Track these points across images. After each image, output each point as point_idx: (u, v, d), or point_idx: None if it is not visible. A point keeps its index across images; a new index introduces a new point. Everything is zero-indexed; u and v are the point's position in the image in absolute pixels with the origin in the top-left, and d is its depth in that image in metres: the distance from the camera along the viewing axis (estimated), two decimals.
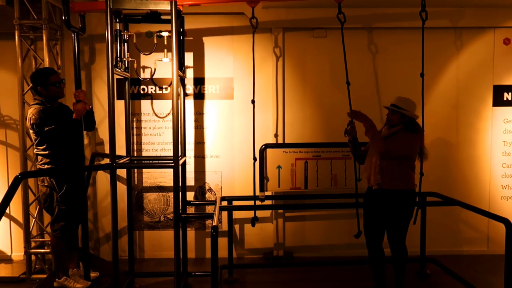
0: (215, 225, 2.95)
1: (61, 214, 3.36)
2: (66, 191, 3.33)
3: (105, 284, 3.60)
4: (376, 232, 3.37)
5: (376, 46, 4.52)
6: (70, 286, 3.44)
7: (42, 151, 3.28)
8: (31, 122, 3.19)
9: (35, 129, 3.19)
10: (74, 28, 3.51)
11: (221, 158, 4.57)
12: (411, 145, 3.25)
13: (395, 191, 3.24)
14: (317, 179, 4.26)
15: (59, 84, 3.34)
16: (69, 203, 3.37)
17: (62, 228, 3.37)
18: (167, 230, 4.57)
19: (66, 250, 3.49)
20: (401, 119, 3.27)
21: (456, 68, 4.57)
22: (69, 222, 3.40)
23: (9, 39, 4.09)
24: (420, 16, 3.53)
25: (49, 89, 3.30)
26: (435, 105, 4.55)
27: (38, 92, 3.33)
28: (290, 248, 4.65)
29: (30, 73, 3.48)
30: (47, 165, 3.29)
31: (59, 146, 3.28)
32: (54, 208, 3.37)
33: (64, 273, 3.49)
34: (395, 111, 3.27)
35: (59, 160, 3.31)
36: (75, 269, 3.60)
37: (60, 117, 3.32)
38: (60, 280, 3.46)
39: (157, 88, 4.48)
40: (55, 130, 3.19)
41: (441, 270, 4.09)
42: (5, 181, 4.44)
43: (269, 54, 4.48)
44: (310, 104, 4.56)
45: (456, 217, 4.65)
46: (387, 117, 3.36)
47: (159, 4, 3.14)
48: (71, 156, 3.39)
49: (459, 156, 4.63)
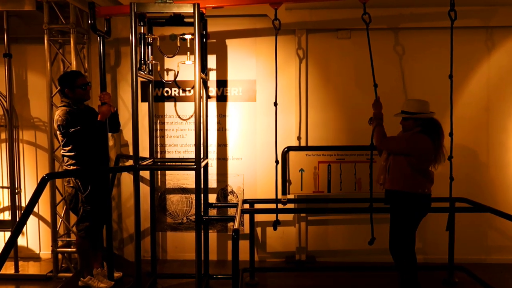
0: (237, 228, 2.93)
1: (86, 214, 3.42)
2: (90, 192, 3.40)
3: (128, 284, 3.65)
4: (391, 235, 3.30)
5: (402, 47, 4.41)
6: (94, 286, 3.50)
7: (68, 152, 3.36)
8: (58, 123, 3.27)
9: (61, 130, 3.27)
10: (100, 32, 3.58)
11: (243, 161, 4.56)
12: (411, 144, 3.12)
13: (396, 192, 3.17)
14: (340, 183, 4.19)
15: (85, 87, 3.41)
16: (93, 203, 3.43)
17: (86, 229, 3.44)
18: (190, 231, 4.60)
19: (90, 250, 3.56)
20: (415, 123, 3.19)
21: (487, 69, 4.40)
22: (93, 222, 3.46)
23: (38, 43, 4.21)
24: (448, 16, 3.42)
25: (76, 91, 3.37)
26: (465, 108, 4.39)
27: (65, 94, 3.41)
28: (313, 252, 4.59)
29: (58, 76, 3.57)
30: (72, 166, 3.36)
31: (84, 147, 3.35)
32: (79, 209, 3.44)
33: (89, 272, 3.56)
34: (407, 118, 3.21)
35: (84, 161, 3.38)
36: (99, 269, 3.66)
37: (85, 119, 3.38)
38: (85, 279, 3.52)
39: (180, 90, 4.52)
40: (80, 131, 3.26)
41: (470, 279, 3.93)
42: (34, 181, 4.57)
43: (292, 56, 4.44)
44: (333, 106, 4.49)
45: (486, 223, 4.47)
46: (401, 124, 3.30)
47: (182, 7, 3.16)
48: (96, 157, 3.45)
49: (490, 160, 4.45)
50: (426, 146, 3.11)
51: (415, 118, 3.17)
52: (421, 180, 3.16)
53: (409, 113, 3.19)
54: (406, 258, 3.22)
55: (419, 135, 3.14)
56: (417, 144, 3.12)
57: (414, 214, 3.22)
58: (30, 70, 4.58)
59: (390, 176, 3.23)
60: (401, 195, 3.17)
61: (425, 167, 3.18)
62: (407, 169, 3.14)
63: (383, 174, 3.29)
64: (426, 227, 4.41)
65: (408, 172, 3.14)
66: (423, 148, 3.11)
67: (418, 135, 3.14)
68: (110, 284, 3.55)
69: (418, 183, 3.15)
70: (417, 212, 3.22)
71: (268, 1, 3.58)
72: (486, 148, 4.45)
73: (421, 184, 3.16)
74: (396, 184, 3.19)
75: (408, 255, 3.22)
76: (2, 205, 4.54)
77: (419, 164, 3.14)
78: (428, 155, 3.14)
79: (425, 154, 3.14)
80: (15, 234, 2.43)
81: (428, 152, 3.13)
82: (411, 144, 3.13)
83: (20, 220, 2.46)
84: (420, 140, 3.12)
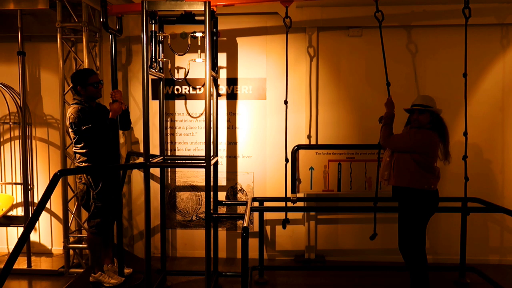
0: (246, 226, 2.93)
1: (97, 211, 3.45)
2: (102, 188, 3.43)
3: (138, 280, 3.67)
4: (400, 234, 3.27)
5: (415, 45, 4.35)
6: (105, 281, 3.53)
7: (79, 149, 3.39)
8: (70, 121, 3.30)
9: (73, 127, 3.30)
10: (112, 30, 3.60)
11: (253, 159, 4.56)
12: (419, 140, 3.08)
13: (403, 188, 3.15)
14: (350, 182, 4.16)
15: (97, 85, 3.44)
16: (104, 200, 3.46)
17: (98, 225, 3.47)
18: (199, 229, 4.61)
19: (101, 246, 3.59)
20: (430, 117, 3.15)
21: (502, 67, 4.32)
22: (104, 219, 3.49)
23: (51, 41, 4.26)
24: (463, 13, 3.37)
25: (88, 89, 3.40)
26: (479, 106, 4.32)
27: (77, 92, 3.45)
28: (322, 251, 4.57)
29: (71, 74, 3.61)
30: (84, 163, 3.40)
31: (95, 145, 3.38)
32: (90, 205, 3.47)
33: (99, 268, 3.59)
34: (423, 111, 3.13)
35: (96, 158, 3.41)
36: (109, 265, 3.69)
37: (97, 116, 3.41)
38: (96, 275, 3.56)
39: (190, 88, 4.53)
40: (92, 129, 3.29)
41: (482, 280, 3.87)
42: (47, 177, 4.63)
43: (303, 54, 4.42)
44: (344, 104, 4.46)
45: (499, 224, 4.40)
46: (415, 119, 3.19)
47: (193, 5, 3.16)
48: (107, 154, 3.48)
49: (504, 160, 4.38)
50: (434, 142, 3.10)
51: (431, 112, 3.14)
52: (427, 176, 3.13)
53: (427, 107, 3.16)
54: (415, 258, 3.19)
55: (427, 131, 3.12)
56: (425, 140, 3.09)
57: (422, 211, 3.18)
58: (43, 68, 4.64)
59: (395, 173, 3.21)
60: (408, 192, 3.15)
61: (430, 163, 3.14)
62: (413, 165, 3.11)
63: (388, 170, 3.27)
64: (438, 227, 4.37)
65: (413, 168, 3.12)
66: (431, 144, 3.10)
67: (426, 131, 3.13)
68: (120, 280, 3.58)
69: (424, 179, 3.12)
70: (424, 209, 3.19)
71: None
72: (501, 148, 4.37)
73: (427, 180, 3.12)
74: (402, 180, 3.16)
75: (417, 254, 3.19)
76: (15, 201, 4.61)
77: (425, 160, 3.11)
78: (435, 151, 3.13)
79: (432, 150, 3.12)
80: (28, 230, 2.47)
81: (435, 147, 3.12)
82: (418, 140, 3.10)
83: (32, 216, 2.49)
84: (428, 136, 3.10)
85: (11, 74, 4.42)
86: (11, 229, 4.66)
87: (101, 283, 3.54)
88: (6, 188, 4.68)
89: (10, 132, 4.67)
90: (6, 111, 4.59)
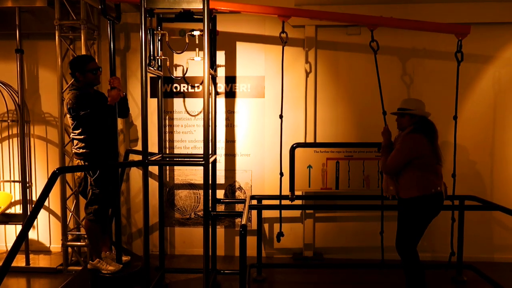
0: (244, 223, 2.95)
1: (95, 197, 3.46)
2: (99, 175, 3.43)
3: (136, 268, 3.66)
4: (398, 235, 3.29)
5: (412, 45, 4.36)
6: (103, 268, 3.53)
7: (78, 135, 3.40)
8: (68, 106, 3.30)
9: (72, 113, 3.31)
10: (110, 16, 3.47)
11: (251, 157, 4.57)
12: (406, 147, 3.10)
13: (411, 198, 3.14)
14: (348, 180, 4.17)
15: (96, 71, 3.44)
16: (102, 187, 3.46)
17: (95, 211, 3.47)
18: (198, 227, 4.62)
19: (100, 233, 3.59)
20: (411, 120, 3.19)
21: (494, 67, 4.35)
22: (102, 205, 3.50)
23: (50, 39, 4.25)
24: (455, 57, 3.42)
25: (87, 75, 3.40)
26: (472, 105, 4.34)
27: (75, 78, 3.44)
28: (320, 249, 4.59)
29: (69, 72, 3.59)
30: (82, 149, 3.40)
31: (93, 131, 3.38)
32: (88, 192, 3.48)
33: (97, 255, 3.59)
34: (403, 114, 3.22)
35: (94, 144, 3.41)
36: (107, 252, 3.68)
37: (95, 102, 3.40)
38: (94, 262, 3.56)
39: (189, 86, 4.54)
40: (90, 114, 3.28)
41: (478, 277, 3.90)
42: (45, 175, 4.63)
43: (301, 52, 4.43)
44: (342, 102, 4.47)
45: (496, 222, 4.43)
46: (397, 122, 3.30)
47: (192, 3, 3.16)
48: (105, 141, 3.48)
49: (497, 158, 4.40)
50: (422, 142, 3.10)
51: (410, 115, 3.18)
52: (432, 178, 3.13)
53: (406, 110, 3.20)
54: (411, 256, 3.21)
55: (411, 135, 3.13)
56: (411, 144, 3.10)
57: (428, 215, 3.20)
58: (41, 65, 4.63)
59: (401, 186, 3.20)
60: (416, 200, 3.14)
61: (430, 163, 3.14)
62: (415, 172, 3.12)
63: (392, 185, 3.24)
64: (435, 225, 4.37)
65: (417, 175, 3.12)
66: (419, 144, 3.10)
67: (410, 135, 3.13)
68: (118, 267, 3.57)
69: (430, 183, 3.12)
70: (431, 213, 3.21)
71: (277, 14, 3.62)
72: (490, 149, 4.40)
73: (433, 183, 3.13)
74: (411, 192, 3.14)
75: (413, 253, 3.21)
76: (14, 199, 4.61)
77: (424, 161, 3.11)
78: (428, 149, 3.12)
79: (424, 149, 3.11)
80: (26, 228, 2.47)
81: (426, 146, 3.11)
82: (407, 147, 3.11)
83: (31, 214, 2.49)
84: (413, 139, 3.11)
85: (9, 72, 4.40)
86: (10, 227, 4.66)
87: (99, 270, 3.53)
88: (4, 186, 4.68)
89: (9, 130, 4.66)
90: (4, 109, 4.59)
